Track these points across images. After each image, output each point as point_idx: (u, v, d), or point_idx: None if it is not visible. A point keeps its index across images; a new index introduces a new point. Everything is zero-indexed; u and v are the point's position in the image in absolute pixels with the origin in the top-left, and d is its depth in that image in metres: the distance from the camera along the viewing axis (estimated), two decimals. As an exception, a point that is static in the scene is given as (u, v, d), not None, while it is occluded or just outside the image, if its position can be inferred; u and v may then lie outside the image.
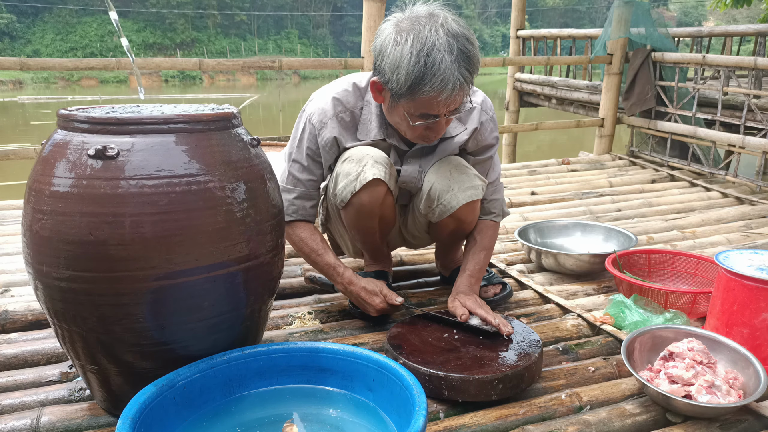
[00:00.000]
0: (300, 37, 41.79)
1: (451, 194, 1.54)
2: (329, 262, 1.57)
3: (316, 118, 1.52)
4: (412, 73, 1.27)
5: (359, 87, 1.54)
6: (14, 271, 1.97)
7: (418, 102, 1.33)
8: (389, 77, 1.33)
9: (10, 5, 32.43)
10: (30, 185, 1.07)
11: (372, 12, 3.14)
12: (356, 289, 1.55)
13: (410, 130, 1.44)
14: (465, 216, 1.59)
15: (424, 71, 1.27)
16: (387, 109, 1.45)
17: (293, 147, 1.57)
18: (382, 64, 1.34)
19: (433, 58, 1.25)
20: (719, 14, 31.00)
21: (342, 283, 1.56)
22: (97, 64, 3.02)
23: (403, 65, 1.28)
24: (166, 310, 1.06)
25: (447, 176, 1.54)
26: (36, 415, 1.17)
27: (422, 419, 0.95)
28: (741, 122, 3.52)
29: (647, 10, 4.14)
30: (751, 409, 1.22)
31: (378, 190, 1.50)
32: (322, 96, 1.54)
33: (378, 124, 1.53)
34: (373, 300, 1.53)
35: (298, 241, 1.58)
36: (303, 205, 1.59)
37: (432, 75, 1.26)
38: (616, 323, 1.60)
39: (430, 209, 1.59)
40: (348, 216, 1.58)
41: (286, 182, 1.58)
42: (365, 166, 1.47)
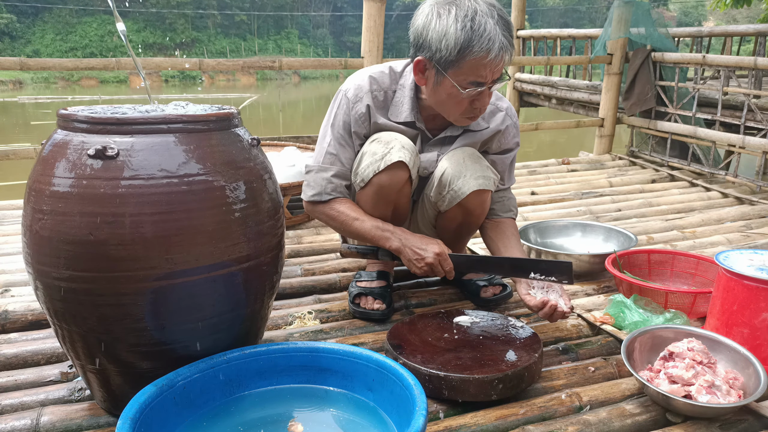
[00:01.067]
0: (300, 37, 41.79)
1: (462, 180, 1.56)
2: (377, 224, 1.55)
3: (351, 93, 1.57)
4: (461, 38, 1.35)
5: (395, 71, 1.60)
6: (14, 271, 1.97)
7: (466, 67, 1.38)
8: (436, 48, 1.38)
9: (10, 5, 32.42)
10: (30, 185, 1.07)
11: (372, 12, 3.13)
12: (411, 239, 1.52)
13: (456, 106, 1.47)
14: (473, 206, 1.60)
15: (471, 34, 1.35)
16: (431, 89, 1.48)
17: (328, 125, 1.60)
18: (428, 39, 1.40)
19: (478, 21, 1.35)
20: (719, 14, 31.01)
21: (396, 237, 1.53)
22: (97, 64, 3.01)
23: (451, 32, 1.35)
24: (166, 310, 1.06)
25: (460, 163, 1.57)
26: (36, 415, 1.17)
27: (422, 419, 0.95)
28: (741, 122, 3.52)
29: (647, 10, 4.14)
30: (751, 409, 1.22)
31: (400, 174, 1.52)
32: (359, 74, 1.60)
33: (410, 106, 1.57)
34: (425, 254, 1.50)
35: (337, 215, 1.58)
36: (340, 183, 1.60)
37: (479, 36, 1.34)
38: (616, 323, 1.60)
39: (440, 196, 1.61)
40: (365, 198, 1.58)
41: (322, 161, 1.60)
42: (392, 148, 1.50)
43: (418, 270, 1.54)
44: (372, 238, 1.57)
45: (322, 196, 1.59)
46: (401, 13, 43.03)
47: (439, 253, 1.50)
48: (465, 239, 1.83)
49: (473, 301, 1.76)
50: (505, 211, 1.74)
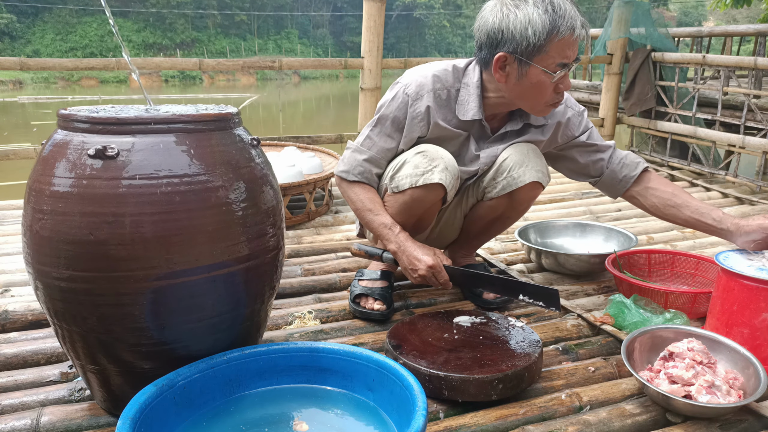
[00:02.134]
0: (300, 37, 41.79)
1: (524, 168, 1.59)
2: (385, 222, 1.58)
3: (412, 89, 1.57)
4: (546, 21, 1.40)
5: (458, 68, 1.61)
6: (14, 271, 1.97)
7: (552, 50, 1.42)
8: (520, 39, 1.42)
9: (10, 5, 32.42)
10: (30, 185, 1.07)
11: (372, 12, 3.14)
12: (409, 249, 1.54)
13: (541, 95, 1.49)
14: (523, 198, 1.63)
15: (555, 17, 1.40)
16: (514, 83, 1.49)
17: (379, 113, 1.61)
18: (509, 32, 1.43)
19: (557, 5, 1.41)
20: (719, 14, 31.01)
21: (396, 242, 1.56)
22: (97, 64, 3.02)
23: (535, 20, 1.40)
24: (166, 310, 1.06)
25: (524, 153, 1.61)
26: (36, 415, 1.17)
27: (422, 419, 0.95)
28: (741, 122, 3.52)
29: (647, 10, 4.14)
30: (751, 409, 1.22)
31: (434, 194, 1.54)
32: (421, 71, 1.59)
33: (477, 104, 1.57)
34: (418, 265, 1.52)
35: (356, 200, 1.62)
36: (370, 169, 1.62)
37: (562, 18, 1.40)
38: (616, 323, 1.60)
39: (494, 181, 1.63)
40: (393, 203, 1.60)
41: (361, 144, 1.63)
42: (436, 167, 1.51)
43: (411, 279, 1.57)
44: (376, 233, 1.60)
45: (349, 174, 1.62)
46: (401, 13, 43.06)
47: (431, 266, 1.52)
48: (492, 234, 1.85)
49: (474, 302, 1.76)
50: (634, 167, 1.72)
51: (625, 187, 1.74)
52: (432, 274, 1.52)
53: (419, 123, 1.58)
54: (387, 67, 3.30)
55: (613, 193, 1.78)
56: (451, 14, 44.99)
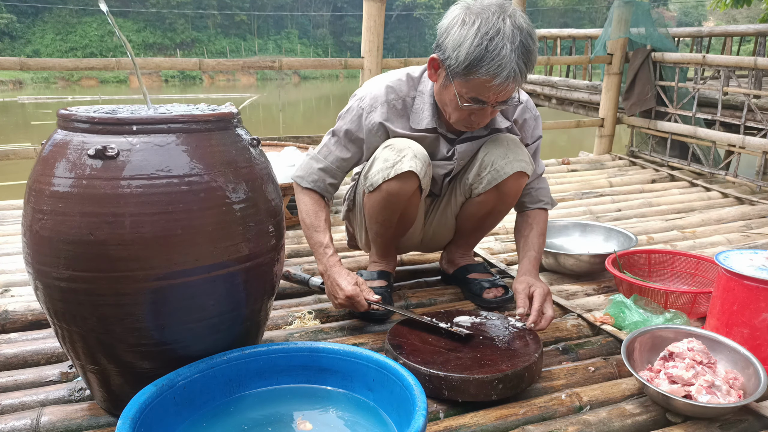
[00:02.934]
0: (300, 37, 41.78)
1: (505, 161, 1.58)
2: (321, 241, 1.57)
3: (366, 102, 1.58)
4: (473, 54, 1.34)
5: (413, 77, 1.60)
6: (14, 271, 1.97)
7: (471, 84, 1.39)
8: (449, 54, 1.38)
9: (10, 5, 32.41)
10: (30, 185, 1.07)
11: (372, 12, 3.14)
12: (334, 275, 1.52)
13: (456, 112, 1.48)
14: (510, 189, 1.62)
15: (484, 53, 1.33)
16: (438, 88, 1.49)
17: (337, 123, 1.63)
18: (446, 41, 1.40)
19: (495, 43, 1.32)
20: (719, 14, 31.02)
21: (325, 264, 1.55)
22: (97, 64, 3.02)
23: (466, 44, 1.34)
24: (166, 310, 1.06)
25: (504, 146, 1.60)
26: (36, 415, 1.17)
27: (422, 419, 0.95)
28: (741, 122, 3.52)
29: (647, 10, 4.14)
30: (751, 409, 1.22)
31: (409, 183, 1.52)
32: (376, 83, 1.60)
33: (431, 113, 1.57)
34: (338, 293, 1.51)
35: (302, 209, 1.61)
36: (324, 178, 1.62)
37: (490, 59, 1.33)
38: (616, 323, 1.60)
39: (478, 177, 1.62)
40: (372, 203, 1.59)
41: (318, 152, 1.64)
42: (404, 157, 1.50)
43: (333, 304, 1.57)
44: (311, 248, 1.61)
45: (303, 181, 1.63)
46: (401, 13, 43.06)
47: (350, 296, 1.49)
48: (485, 232, 1.84)
49: (474, 301, 1.76)
50: (535, 201, 1.74)
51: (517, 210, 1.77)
52: (350, 303, 1.51)
53: (376, 134, 1.58)
54: (387, 67, 3.30)
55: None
56: (451, 14, 44.87)
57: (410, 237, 1.81)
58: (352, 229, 1.88)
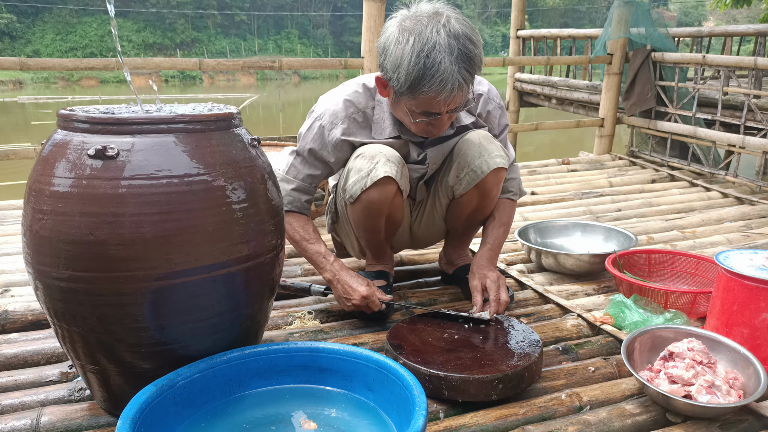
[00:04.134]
0: (300, 37, 41.78)
1: (481, 160, 1.57)
2: (319, 250, 1.58)
3: (326, 119, 1.55)
4: (412, 74, 1.31)
5: (369, 87, 1.57)
6: (14, 271, 1.97)
7: (418, 101, 1.37)
8: (391, 75, 1.36)
9: (10, 5, 32.41)
10: (30, 185, 1.07)
11: (372, 12, 3.14)
12: (344, 278, 1.54)
13: (413, 125, 1.47)
14: (491, 186, 1.62)
15: (423, 72, 1.29)
16: (391, 104, 1.49)
17: (299, 142, 1.61)
18: (385, 62, 1.38)
19: (433, 59, 1.28)
20: (719, 14, 31.02)
21: (331, 270, 1.56)
22: (97, 64, 3.01)
23: (404, 65, 1.31)
24: (166, 310, 1.06)
25: (477, 144, 1.59)
26: (36, 415, 1.17)
27: (422, 419, 0.95)
28: (741, 122, 3.52)
29: (647, 10, 4.14)
30: (751, 409, 1.22)
31: (388, 189, 1.51)
32: (333, 98, 1.57)
33: (392, 121, 1.56)
34: (352, 295, 1.53)
35: (290, 230, 1.59)
36: (299, 197, 1.62)
37: (431, 76, 1.29)
38: (616, 323, 1.60)
39: (457, 179, 1.62)
40: (355, 213, 1.59)
41: (287, 172, 1.62)
42: (377, 163, 1.48)
43: (345, 308, 1.58)
44: (311, 261, 1.60)
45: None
46: (401, 13, 42.94)
47: (365, 296, 1.52)
48: (476, 228, 1.84)
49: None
50: (503, 192, 1.75)
51: None
52: (366, 304, 1.53)
53: (341, 149, 1.57)
54: (387, 67, 3.29)
55: None
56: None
57: (400, 236, 1.81)
58: (340, 239, 1.88)
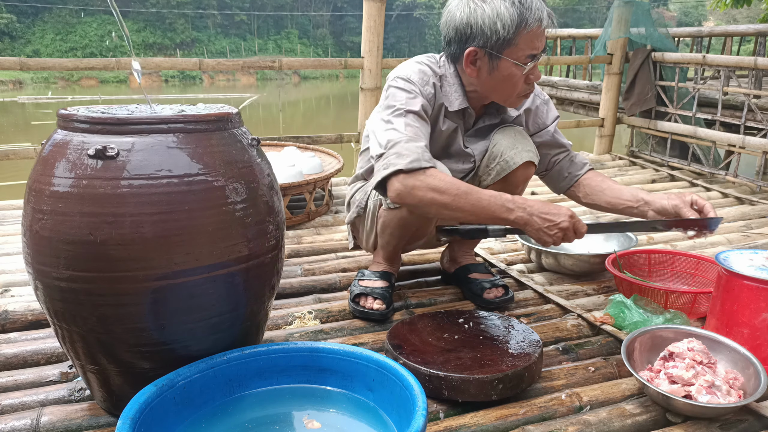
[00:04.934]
0: (300, 37, 41.78)
1: (515, 151, 1.60)
2: (493, 194, 1.40)
3: (416, 77, 1.54)
4: (515, 15, 1.42)
5: (436, 59, 1.61)
6: (14, 271, 1.97)
7: (522, 42, 1.45)
8: (490, 34, 1.43)
9: (10, 5, 32.41)
10: (30, 185, 1.07)
11: (372, 12, 3.14)
12: (537, 208, 1.40)
13: (513, 87, 1.51)
14: (519, 180, 1.64)
15: (522, 10, 1.42)
16: (485, 77, 1.51)
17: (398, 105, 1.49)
18: (478, 27, 1.44)
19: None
20: (719, 14, 31.02)
21: (520, 206, 1.39)
22: (97, 64, 3.02)
23: (503, 13, 1.42)
24: (166, 310, 1.06)
25: (512, 136, 1.63)
26: (36, 415, 1.17)
27: (422, 419, 0.95)
28: (741, 122, 3.52)
29: (647, 10, 4.14)
30: (751, 409, 1.22)
31: None
32: (411, 64, 1.59)
33: (461, 93, 1.59)
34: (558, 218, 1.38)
35: (447, 186, 1.38)
36: (430, 153, 1.45)
37: (529, 10, 1.43)
38: (616, 323, 1.60)
39: (487, 169, 1.64)
40: (389, 218, 1.61)
41: (404, 131, 1.44)
42: None
43: (549, 238, 1.40)
44: (489, 211, 1.40)
45: (421, 162, 1.39)
46: (401, 13, 43.04)
47: (572, 215, 1.40)
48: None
49: (474, 301, 1.76)
50: (581, 167, 1.77)
51: (569, 185, 1.79)
52: (573, 224, 1.39)
53: (429, 108, 1.55)
54: (387, 67, 3.29)
55: (556, 189, 1.83)
56: (451, 14, 44.90)
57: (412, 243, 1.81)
58: (357, 232, 1.87)
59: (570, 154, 1.79)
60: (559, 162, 1.78)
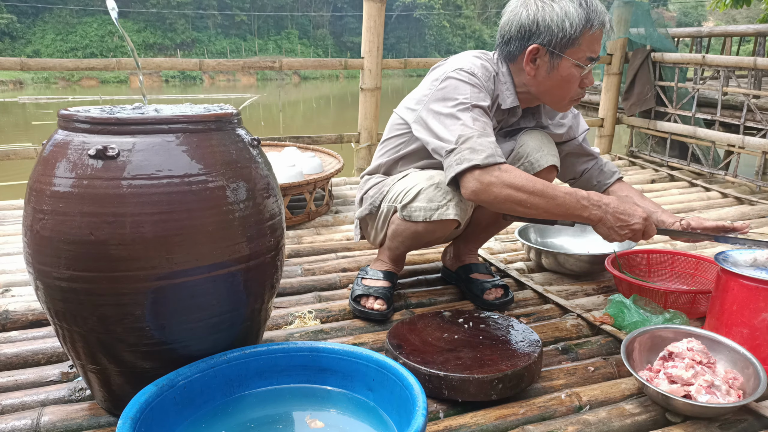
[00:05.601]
0: (300, 37, 41.80)
1: (540, 153, 1.63)
2: (568, 191, 1.42)
3: (480, 72, 1.54)
4: (583, 17, 1.46)
5: (490, 56, 1.63)
6: (15, 271, 1.97)
7: (584, 43, 1.48)
8: (557, 31, 1.46)
9: (11, 5, 32.42)
10: (31, 185, 1.07)
11: (372, 12, 3.14)
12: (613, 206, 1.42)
13: (568, 90, 1.54)
14: None
15: (588, 12, 1.46)
16: (543, 76, 1.53)
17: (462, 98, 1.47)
18: (545, 25, 1.46)
19: (588, 2, 1.47)
20: (719, 14, 31.01)
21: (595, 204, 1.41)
22: (97, 64, 3.02)
23: (572, 12, 1.45)
24: (167, 310, 1.07)
25: (539, 139, 1.66)
26: (36, 415, 1.17)
27: (422, 419, 0.95)
28: (740, 122, 3.52)
29: (647, 11, 4.15)
30: (750, 409, 1.22)
31: (448, 227, 1.56)
32: (469, 58, 1.59)
33: (513, 92, 1.60)
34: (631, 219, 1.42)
35: (523, 182, 1.38)
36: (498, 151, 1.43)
37: (594, 12, 1.47)
38: (615, 323, 1.60)
39: None
40: (402, 228, 1.61)
41: (473, 128, 1.42)
42: (451, 201, 1.51)
43: (619, 237, 1.44)
44: (563, 209, 1.41)
45: (495, 157, 1.39)
46: (401, 13, 43.05)
47: (646, 218, 1.44)
48: (499, 228, 1.84)
49: (475, 301, 1.76)
50: (610, 176, 1.84)
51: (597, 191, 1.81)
52: (646, 226, 1.44)
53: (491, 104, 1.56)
54: (387, 67, 3.30)
55: None
56: (451, 15, 44.99)
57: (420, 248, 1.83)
58: (366, 227, 1.82)
59: (599, 162, 1.85)
60: (588, 170, 1.85)
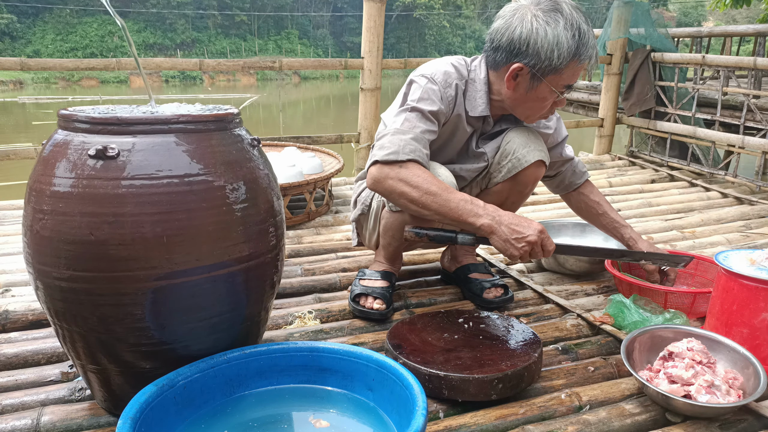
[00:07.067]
0: (300, 37, 41.78)
1: (527, 149, 1.63)
2: (465, 197, 1.40)
3: (440, 77, 1.56)
4: (572, 47, 1.44)
5: (467, 62, 1.63)
6: (15, 271, 1.97)
7: (567, 72, 1.48)
8: (543, 58, 1.45)
9: (11, 5, 32.42)
10: (30, 185, 1.07)
11: (372, 12, 3.14)
12: (506, 218, 1.39)
13: (540, 109, 1.56)
14: (528, 179, 1.66)
15: (579, 45, 1.45)
16: (520, 94, 1.53)
17: (409, 100, 1.53)
18: (534, 47, 1.45)
19: (583, 32, 1.46)
20: (719, 14, 31.02)
21: (489, 214, 1.39)
22: (97, 64, 3.02)
23: (562, 44, 1.43)
24: (167, 309, 1.07)
25: (526, 135, 1.66)
26: (36, 414, 1.18)
27: (422, 419, 0.95)
28: (740, 122, 3.52)
29: (647, 11, 4.14)
30: (750, 408, 1.22)
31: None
32: (438, 64, 1.60)
33: (485, 101, 1.60)
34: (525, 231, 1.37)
35: (417, 181, 1.40)
36: (419, 147, 1.46)
37: (585, 46, 1.46)
38: (615, 323, 1.60)
39: (498, 166, 1.66)
40: (392, 220, 1.63)
41: (401, 126, 1.48)
42: None
43: (516, 251, 1.38)
44: (454, 213, 1.39)
45: (398, 155, 1.42)
46: (401, 13, 43.04)
47: (541, 230, 1.38)
48: None
49: (474, 301, 1.76)
50: (579, 177, 1.87)
51: (566, 191, 1.90)
52: (541, 240, 1.38)
53: (450, 106, 1.57)
54: (387, 67, 3.30)
55: (554, 191, 1.93)
56: (451, 15, 44.99)
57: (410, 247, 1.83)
58: (361, 229, 1.86)
59: (573, 163, 1.86)
60: (562, 172, 1.87)
